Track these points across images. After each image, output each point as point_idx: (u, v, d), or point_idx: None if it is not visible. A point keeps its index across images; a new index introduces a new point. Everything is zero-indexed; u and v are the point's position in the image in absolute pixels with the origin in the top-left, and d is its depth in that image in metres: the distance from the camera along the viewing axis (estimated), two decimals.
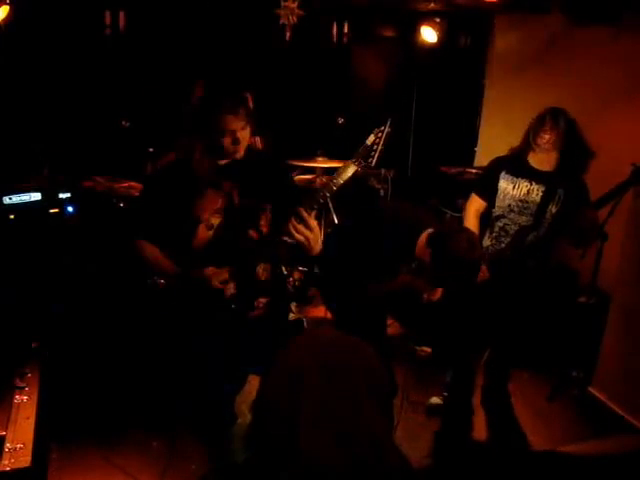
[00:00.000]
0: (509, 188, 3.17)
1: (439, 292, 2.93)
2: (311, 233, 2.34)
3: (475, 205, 3.32)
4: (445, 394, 3.48)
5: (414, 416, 3.48)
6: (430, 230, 2.71)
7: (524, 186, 3.16)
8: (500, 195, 3.20)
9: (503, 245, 3.23)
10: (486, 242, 3.29)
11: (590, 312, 3.75)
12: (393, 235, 2.76)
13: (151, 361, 3.46)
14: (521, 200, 3.15)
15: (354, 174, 2.35)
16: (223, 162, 2.46)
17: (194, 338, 2.48)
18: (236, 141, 2.37)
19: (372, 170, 4.89)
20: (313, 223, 2.35)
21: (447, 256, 2.58)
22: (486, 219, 3.33)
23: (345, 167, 2.35)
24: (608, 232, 3.31)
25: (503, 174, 3.20)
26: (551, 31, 4.59)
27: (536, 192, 3.14)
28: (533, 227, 3.15)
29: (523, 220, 3.17)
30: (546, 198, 3.12)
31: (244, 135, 2.39)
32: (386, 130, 2.34)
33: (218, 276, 2.37)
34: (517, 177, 3.17)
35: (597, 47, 4.17)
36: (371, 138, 2.35)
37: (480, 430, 3.41)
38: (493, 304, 3.13)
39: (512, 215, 3.19)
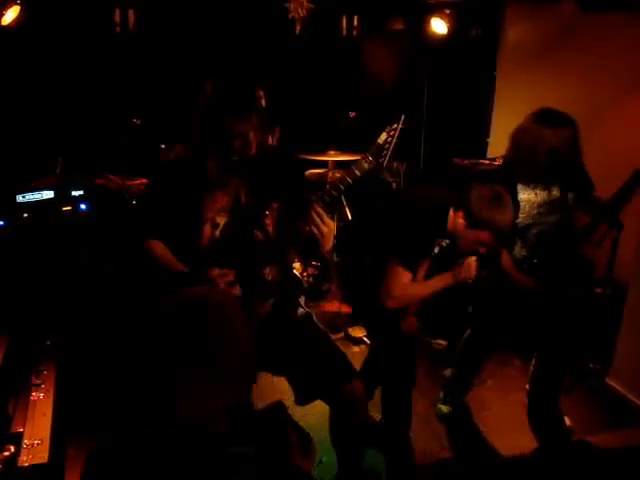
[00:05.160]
0: (532, 197, 3.07)
1: (474, 268, 2.85)
2: (328, 229, 2.32)
3: None
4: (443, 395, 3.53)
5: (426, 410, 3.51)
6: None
7: (542, 188, 3.07)
8: (525, 207, 3.07)
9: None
10: (521, 252, 3.14)
11: (607, 303, 3.72)
12: (420, 218, 2.74)
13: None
14: (547, 202, 3.07)
15: (365, 173, 2.32)
16: (232, 159, 2.45)
17: None
18: (247, 143, 2.37)
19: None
20: (329, 220, 2.34)
21: (479, 207, 2.55)
22: None
23: (356, 166, 2.32)
24: (624, 221, 3.27)
25: (520, 186, 3.08)
26: (562, 21, 4.54)
27: (554, 189, 3.07)
28: (564, 223, 3.08)
29: (554, 219, 3.08)
30: (563, 189, 3.07)
31: (255, 136, 2.38)
32: (399, 128, 2.30)
33: (223, 278, 2.35)
34: (534, 184, 3.07)
35: (609, 36, 4.12)
36: (383, 136, 2.31)
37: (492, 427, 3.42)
38: (540, 311, 3.07)
39: (543, 219, 3.09)
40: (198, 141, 2.45)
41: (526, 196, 3.08)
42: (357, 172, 2.31)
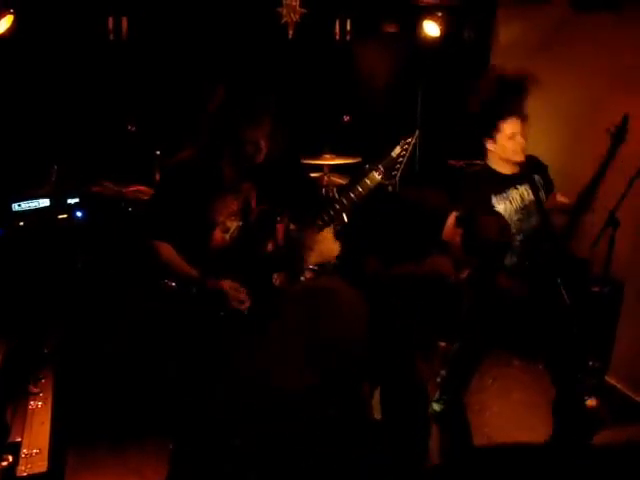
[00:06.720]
0: (507, 205, 3.11)
1: (466, 272, 2.86)
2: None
3: None
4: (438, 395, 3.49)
5: None
6: (456, 213, 2.68)
7: (515, 194, 3.13)
8: (506, 215, 3.09)
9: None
10: (512, 260, 3.11)
11: (604, 301, 3.72)
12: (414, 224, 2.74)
13: (165, 363, 3.44)
14: (522, 207, 3.12)
15: (377, 184, 2.29)
16: (243, 165, 2.46)
17: (206, 340, 2.47)
18: (258, 149, 2.38)
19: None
20: (327, 235, 2.33)
21: (479, 236, 2.54)
22: None
23: (368, 176, 2.29)
24: (620, 218, 3.27)
25: (494, 198, 3.12)
26: (553, 21, 4.56)
27: (526, 192, 3.13)
28: (542, 224, 3.12)
29: (533, 221, 3.13)
30: (535, 190, 3.12)
31: (266, 143, 2.40)
32: (412, 142, 2.28)
33: (236, 295, 2.36)
34: (506, 192, 3.13)
35: (599, 35, 4.14)
36: (397, 150, 2.28)
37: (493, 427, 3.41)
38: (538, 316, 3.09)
39: (524, 224, 3.13)
40: (209, 146, 2.46)
41: (502, 206, 3.11)
42: (369, 182, 2.29)
